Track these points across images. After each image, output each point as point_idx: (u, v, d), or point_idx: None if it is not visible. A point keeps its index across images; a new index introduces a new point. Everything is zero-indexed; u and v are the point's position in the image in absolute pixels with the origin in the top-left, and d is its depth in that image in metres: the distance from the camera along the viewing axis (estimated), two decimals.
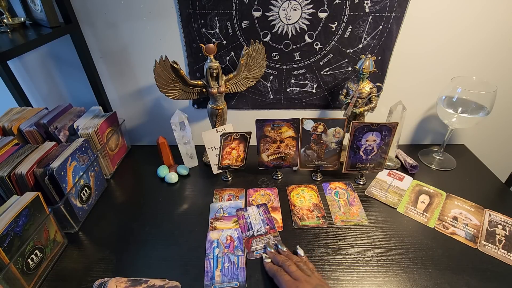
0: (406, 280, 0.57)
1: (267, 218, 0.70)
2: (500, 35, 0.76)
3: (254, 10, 0.73)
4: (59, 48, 0.81)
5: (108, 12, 0.75)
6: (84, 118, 0.81)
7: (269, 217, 0.70)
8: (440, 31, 0.76)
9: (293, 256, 0.59)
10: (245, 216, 0.71)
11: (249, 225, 0.69)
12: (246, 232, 0.67)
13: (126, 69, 0.85)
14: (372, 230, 0.68)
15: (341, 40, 0.77)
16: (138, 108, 0.93)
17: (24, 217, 0.54)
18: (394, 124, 0.71)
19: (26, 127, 0.73)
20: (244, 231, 0.67)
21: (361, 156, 0.76)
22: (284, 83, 0.86)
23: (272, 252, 0.61)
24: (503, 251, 0.62)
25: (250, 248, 0.64)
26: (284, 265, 0.56)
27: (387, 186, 0.80)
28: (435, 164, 0.88)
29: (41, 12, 0.68)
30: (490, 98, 0.74)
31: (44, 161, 0.65)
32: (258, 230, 0.67)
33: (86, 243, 0.67)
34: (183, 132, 0.81)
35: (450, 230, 0.67)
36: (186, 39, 0.78)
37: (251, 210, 0.72)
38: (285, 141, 0.77)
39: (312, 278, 0.53)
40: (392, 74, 0.83)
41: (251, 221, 0.70)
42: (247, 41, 0.78)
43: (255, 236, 0.66)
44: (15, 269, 0.51)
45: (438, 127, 0.94)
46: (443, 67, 0.82)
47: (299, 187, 0.80)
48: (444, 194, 0.77)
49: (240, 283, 0.57)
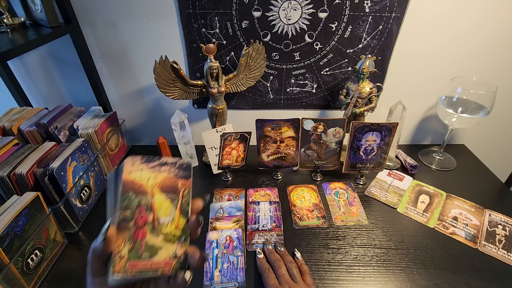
0: (406, 280, 0.57)
1: (276, 216, 0.71)
2: (500, 35, 0.76)
3: (254, 10, 0.73)
4: (59, 48, 0.81)
5: (108, 12, 0.75)
6: (84, 118, 0.81)
7: (278, 215, 0.71)
8: (440, 31, 0.76)
9: (287, 257, 0.59)
10: (255, 209, 0.72)
11: (257, 219, 0.70)
12: (251, 225, 0.68)
13: (126, 69, 0.85)
14: (372, 230, 0.68)
15: (341, 40, 0.77)
16: (138, 108, 0.93)
17: (24, 217, 0.54)
18: (394, 124, 0.71)
19: (26, 127, 0.73)
20: (250, 223, 0.69)
21: (361, 156, 0.76)
22: (284, 83, 0.86)
23: (269, 249, 0.61)
24: (503, 251, 0.62)
25: (251, 240, 0.65)
26: (274, 265, 0.56)
27: (387, 186, 0.80)
28: (435, 164, 0.88)
29: (41, 12, 0.68)
30: (490, 98, 0.73)
31: (44, 161, 0.65)
32: (263, 226, 0.68)
33: (86, 243, 0.67)
34: (183, 132, 0.81)
35: (450, 230, 0.67)
36: (186, 39, 0.78)
37: (263, 205, 0.73)
38: (285, 141, 0.77)
39: (298, 285, 0.52)
40: (392, 74, 0.83)
41: (260, 215, 0.71)
42: (247, 41, 0.78)
43: (260, 230, 0.67)
44: (15, 269, 0.51)
45: (438, 127, 0.94)
46: (443, 67, 0.82)
47: (299, 187, 0.80)
48: (444, 194, 0.77)
49: (239, 283, 0.57)
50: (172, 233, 0.33)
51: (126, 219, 0.31)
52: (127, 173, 0.32)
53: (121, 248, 0.30)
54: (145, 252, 0.31)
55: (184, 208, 0.34)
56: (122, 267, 0.29)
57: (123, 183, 0.31)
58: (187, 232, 0.33)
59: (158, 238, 0.32)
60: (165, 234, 0.32)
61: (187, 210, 0.34)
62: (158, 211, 0.32)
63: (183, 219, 0.33)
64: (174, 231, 0.33)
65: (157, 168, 0.33)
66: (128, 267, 0.30)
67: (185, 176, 0.35)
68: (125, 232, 0.31)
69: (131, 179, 0.32)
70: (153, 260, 0.31)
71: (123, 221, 0.31)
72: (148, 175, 0.33)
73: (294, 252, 0.61)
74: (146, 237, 0.31)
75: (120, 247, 0.30)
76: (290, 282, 0.53)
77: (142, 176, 0.33)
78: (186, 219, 0.33)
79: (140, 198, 0.32)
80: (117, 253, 0.30)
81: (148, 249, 0.31)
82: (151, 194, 0.33)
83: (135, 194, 0.32)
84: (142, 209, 0.32)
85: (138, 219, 0.32)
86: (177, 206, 0.33)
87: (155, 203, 0.32)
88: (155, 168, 0.33)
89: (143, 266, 0.30)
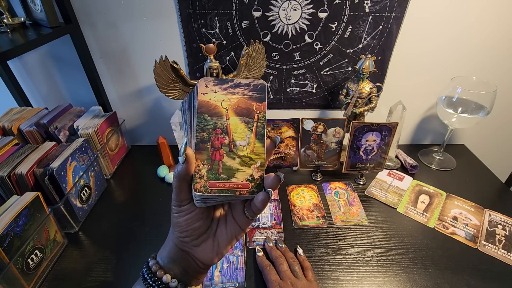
0: (406, 280, 0.57)
1: (275, 213, 0.71)
2: (500, 35, 0.76)
3: (254, 10, 0.73)
4: (59, 48, 0.81)
5: (108, 12, 0.75)
6: (84, 118, 0.81)
7: (278, 213, 0.72)
8: (440, 31, 0.76)
9: (289, 253, 0.59)
10: None
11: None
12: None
13: (126, 69, 0.85)
14: (372, 230, 0.68)
15: (341, 40, 0.77)
16: (138, 108, 0.93)
17: (24, 217, 0.54)
18: (394, 124, 0.71)
19: (26, 127, 0.73)
20: None
21: (361, 156, 0.76)
22: (284, 83, 0.86)
23: (270, 246, 0.61)
24: (503, 251, 0.62)
25: (252, 238, 0.65)
26: (276, 261, 0.56)
27: (387, 186, 0.80)
28: (435, 164, 0.88)
29: (41, 12, 0.68)
30: (490, 98, 0.74)
31: (44, 161, 0.65)
32: (264, 223, 0.69)
33: (86, 243, 0.67)
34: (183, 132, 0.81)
35: (450, 230, 0.67)
36: (186, 39, 0.78)
37: None
38: (285, 141, 0.77)
39: (299, 282, 0.52)
40: (392, 74, 0.83)
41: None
42: (247, 41, 0.78)
43: (260, 228, 0.68)
44: (15, 269, 0.51)
45: (438, 127, 0.94)
46: (443, 67, 0.82)
47: (299, 187, 0.80)
48: (444, 194, 0.77)
49: (239, 283, 0.56)
50: (249, 157, 0.33)
51: (204, 140, 0.32)
52: (202, 94, 0.32)
53: (200, 168, 0.31)
54: (222, 174, 0.31)
55: (259, 131, 0.33)
56: (202, 185, 0.31)
57: (198, 105, 0.32)
58: (263, 157, 0.33)
59: (235, 161, 0.32)
60: (241, 157, 0.32)
61: (263, 134, 0.33)
62: (233, 134, 0.33)
63: (259, 144, 0.33)
64: (250, 155, 0.33)
65: (230, 90, 0.34)
66: (208, 186, 0.31)
67: (260, 98, 0.34)
68: (203, 154, 0.32)
69: (206, 100, 0.32)
70: (231, 181, 0.31)
71: (200, 142, 0.32)
72: (222, 97, 0.33)
73: (296, 249, 0.61)
74: (223, 159, 0.32)
75: (200, 167, 0.31)
76: (292, 278, 0.53)
77: (217, 98, 0.33)
78: (262, 143, 0.33)
79: (216, 120, 0.32)
80: (197, 173, 0.31)
81: (226, 170, 0.32)
82: (226, 116, 0.33)
83: (211, 116, 0.32)
84: (218, 131, 0.32)
85: (215, 140, 0.32)
86: (252, 129, 0.33)
87: (230, 125, 0.33)
88: (228, 90, 0.33)
89: (222, 186, 0.31)
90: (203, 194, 0.31)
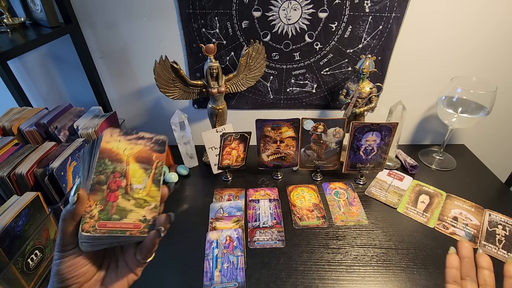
0: (406, 280, 0.57)
1: (275, 213, 0.71)
2: (500, 35, 0.76)
3: (254, 10, 0.73)
4: (59, 48, 0.81)
5: (108, 12, 0.75)
6: (84, 118, 0.81)
7: (278, 212, 0.72)
8: (440, 31, 0.76)
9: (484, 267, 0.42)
10: (255, 207, 0.73)
11: (257, 216, 0.71)
12: (252, 222, 0.69)
13: (126, 69, 0.85)
14: (372, 230, 0.68)
15: (341, 40, 0.77)
16: (138, 108, 0.93)
17: (24, 217, 0.54)
18: (394, 124, 0.71)
19: (26, 127, 0.73)
20: (251, 221, 0.70)
21: (361, 156, 0.76)
22: (284, 83, 0.86)
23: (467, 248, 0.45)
24: (503, 251, 0.62)
25: (253, 237, 0.65)
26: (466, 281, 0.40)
27: (387, 186, 0.80)
28: (435, 164, 0.88)
29: (41, 12, 0.68)
30: (490, 98, 0.73)
31: (44, 161, 0.65)
32: (264, 223, 0.69)
33: None
34: (183, 132, 0.81)
35: (450, 230, 0.67)
36: (186, 39, 0.78)
37: (263, 203, 0.74)
38: (285, 141, 0.77)
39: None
40: (392, 74, 0.83)
41: (260, 213, 0.71)
42: (247, 41, 0.78)
43: (260, 227, 0.68)
44: (15, 269, 0.51)
45: (438, 127, 0.94)
46: (443, 67, 0.82)
47: (299, 187, 0.80)
48: (444, 194, 0.77)
49: (239, 283, 0.56)
50: (143, 199, 0.34)
51: (100, 182, 0.32)
52: (105, 142, 0.34)
53: (92, 208, 0.31)
54: (115, 214, 0.32)
55: (156, 178, 0.35)
56: (91, 225, 0.30)
57: (100, 151, 0.33)
58: (158, 200, 0.35)
59: (129, 202, 0.33)
60: (137, 199, 0.34)
61: (159, 180, 0.35)
62: (131, 178, 0.34)
63: (155, 188, 0.35)
64: (145, 198, 0.34)
65: (134, 141, 0.35)
66: (98, 226, 0.31)
67: (160, 150, 0.36)
68: (97, 195, 0.32)
69: (108, 148, 0.34)
70: (122, 221, 0.32)
71: (97, 184, 0.32)
72: (125, 146, 0.35)
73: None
74: (118, 200, 0.33)
75: (91, 207, 0.31)
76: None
77: (120, 146, 0.34)
78: (158, 188, 0.35)
79: (116, 165, 0.34)
80: (87, 213, 0.31)
81: (119, 211, 0.32)
82: (126, 162, 0.34)
83: (111, 161, 0.33)
84: (116, 175, 0.33)
85: (112, 183, 0.33)
86: (150, 175, 0.35)
87: (129, 170, 0.34)
88: (132, 141, 0.35)
89: (112, 226, 0.31)
90: (91, 234, 0.30)
